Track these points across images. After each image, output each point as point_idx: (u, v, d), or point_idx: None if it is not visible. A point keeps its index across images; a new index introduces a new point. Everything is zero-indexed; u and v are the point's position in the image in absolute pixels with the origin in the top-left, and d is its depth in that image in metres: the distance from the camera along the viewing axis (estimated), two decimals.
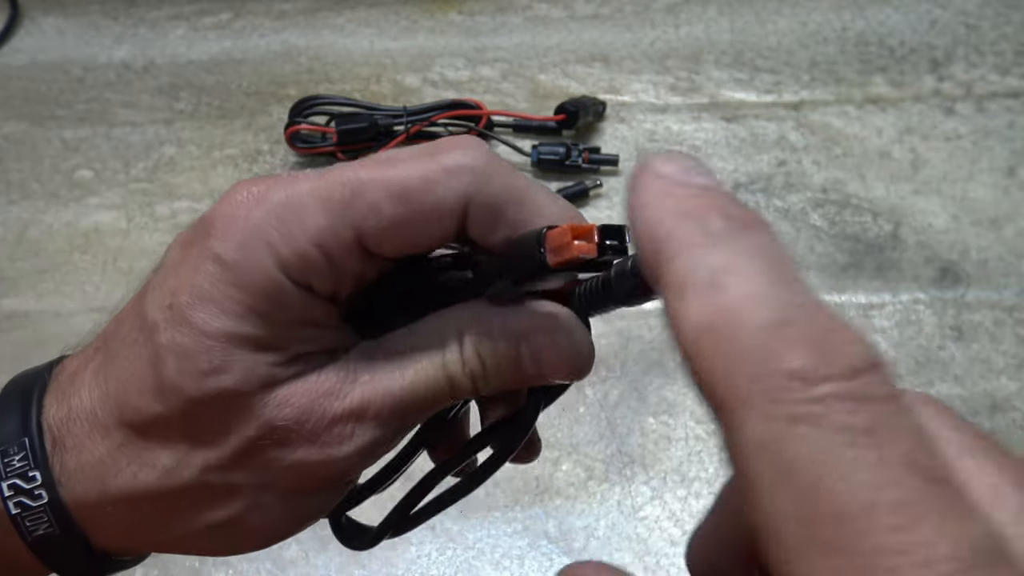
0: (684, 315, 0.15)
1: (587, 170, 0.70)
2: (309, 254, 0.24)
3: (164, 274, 0.25)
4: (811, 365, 0.14)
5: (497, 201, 0.24)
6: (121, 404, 0.25)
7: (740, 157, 0.71)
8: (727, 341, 0.14)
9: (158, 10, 0.87)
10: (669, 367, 0.59)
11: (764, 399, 0.14)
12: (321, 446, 0.25)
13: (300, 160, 0.72)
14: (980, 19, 0.81)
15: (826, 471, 0.13)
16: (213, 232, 0.24)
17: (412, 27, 0.84)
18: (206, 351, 0.24)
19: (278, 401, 0.25)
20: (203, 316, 0.24)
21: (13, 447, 0.25)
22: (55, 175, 0.73)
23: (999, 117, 0.73)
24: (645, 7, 0.84)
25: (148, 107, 0.78)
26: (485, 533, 0.52)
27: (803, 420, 0.13)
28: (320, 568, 0.51)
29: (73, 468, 0.26)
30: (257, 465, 0.25)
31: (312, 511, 0.28)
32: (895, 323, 0.61)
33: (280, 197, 0.24)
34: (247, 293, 0.24)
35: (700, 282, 0.15)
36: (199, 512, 0.26)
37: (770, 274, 0.15)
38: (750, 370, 0.14)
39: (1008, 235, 0.65)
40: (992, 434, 0.16)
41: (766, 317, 0.14)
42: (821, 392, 0.14)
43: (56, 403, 0.26)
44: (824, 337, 0.14)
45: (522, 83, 0.78)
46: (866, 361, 0.14)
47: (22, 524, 0.25)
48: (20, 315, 0.64)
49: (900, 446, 0.13)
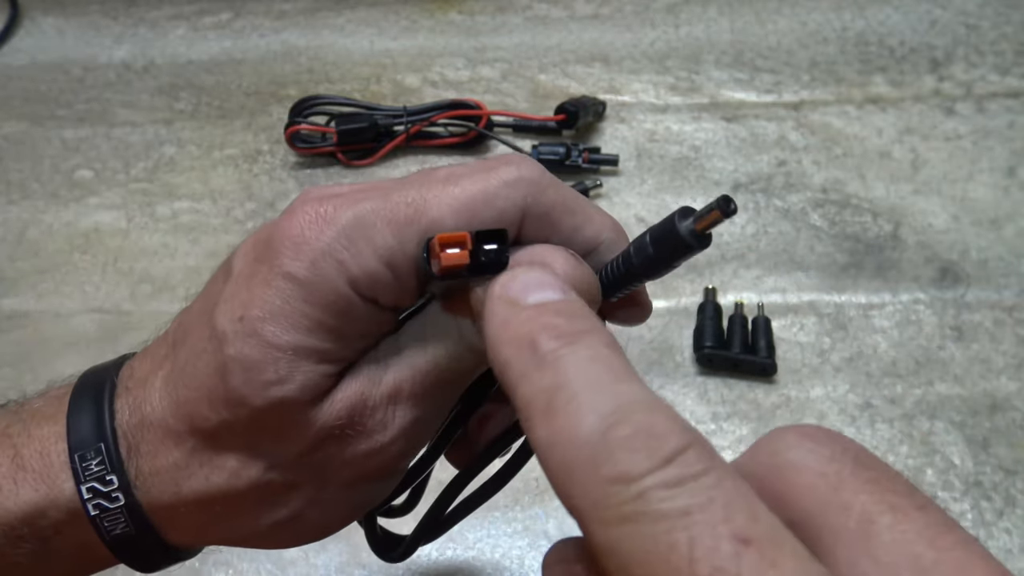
0: (532, 438, 0.17)
1: (587, 170, 0.70)
2: (377, 272, 0.25)
3: (234, 287, 0.26)
4: (629, 466, 0.15)
5: (551, 211, 0.26)
6: (192, 413, 0.26)
7: (740, 157, 0.71)
8: (564, 458, 0.16)
9: (158, 10, 0.87)
10: (669, 367, 0.59)
11: (598, 508, 0.15)
12: (368, 435, 0.27)
13: (300, 160, 0.73)
14: (980, 19, 0.81)
15: (654, 561, 0.14)
16: (284, 251, 0.25)
17: (412, 27, 0.84)
18: (273, 362, 0.25)
19: (333, 406, 0.26)
20: (273, 330, 0.25)
21: (90, 452, 0.27)
22: (55, 175, 0.73)
23: (999, 117, 0.73)
24: (645, 7, 0.84)
25: (148, 107, 0.78)
26: (485, 533, 0.52)
27: (630, 520, 0.15)
28: (320, 568, 0.51)
29: (148, 472, 0.27)
30: (315, 464, 0.27)
31: (368, 500, 0.30)
32: (895, 323, 0.61)
33: (348, 217, 0.25)
34: (318, 309, 0.25)
35: (537, 408, 0.17)
36: (264, 509, 0.28)
37: (594, 385, 0.17)
38: (583, 483, 0.16)
39: (1008, 235, 0.65)
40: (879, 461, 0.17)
41: (588, 431, 0.16)
42: (641, 488, 0.15)
43: (128, 409, 0.28)
44: (640, 435, 0.16)
45: (522, 83, 0.78)
46: (680, 445, 0.15)
47: (101, 525, 0.27)
48: (20, 315, 0.64)
49: (710, 518, 0.14)
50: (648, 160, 0.71)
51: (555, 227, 0.26)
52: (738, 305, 0.60)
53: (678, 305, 0.62)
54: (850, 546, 0.15)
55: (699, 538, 0.14)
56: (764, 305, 0.61)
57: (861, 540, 0.16)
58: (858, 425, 0.56)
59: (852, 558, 0.15)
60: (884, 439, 0.55)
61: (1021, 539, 0.51)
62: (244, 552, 0.52)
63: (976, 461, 0.54)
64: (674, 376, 0.58)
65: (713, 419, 0.56)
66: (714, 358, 0.58)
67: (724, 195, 0.23)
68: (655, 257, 0.25)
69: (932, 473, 0.54)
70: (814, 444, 0.17)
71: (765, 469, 0.18)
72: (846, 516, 0.16)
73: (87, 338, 0.62)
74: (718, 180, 0.70)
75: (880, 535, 0.15)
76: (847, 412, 0.56)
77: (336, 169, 0.72)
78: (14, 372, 0.61)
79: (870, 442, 0.55)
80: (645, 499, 0.15)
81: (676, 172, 0.71)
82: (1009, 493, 0.53)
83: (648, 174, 0.71)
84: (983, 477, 0.53)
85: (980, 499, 0.53)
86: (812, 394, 0.57)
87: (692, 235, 0.24)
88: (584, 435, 0.16)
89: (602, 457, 0.15)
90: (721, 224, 0.23)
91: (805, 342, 0.60)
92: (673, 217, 0.24)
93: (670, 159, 0.72)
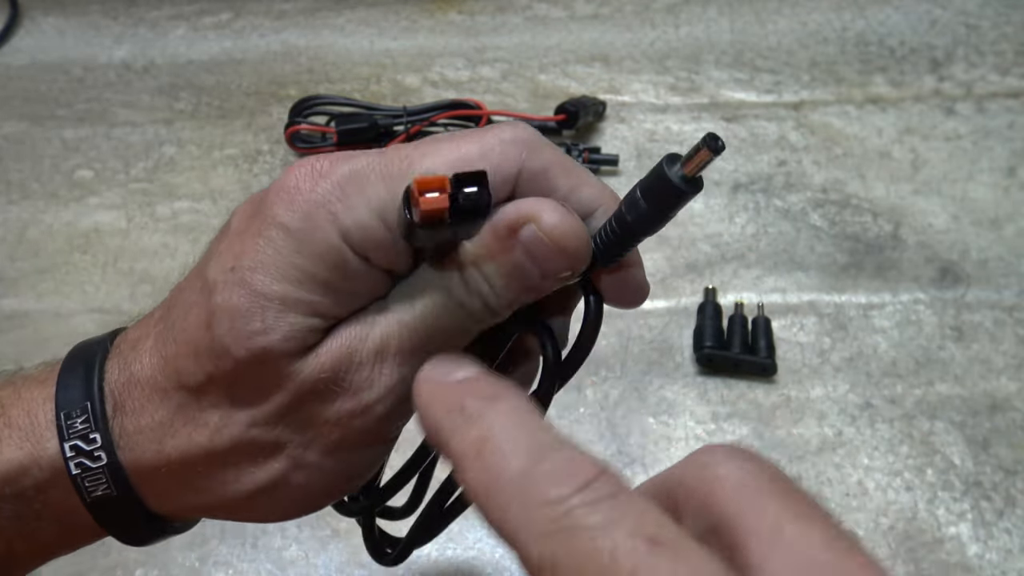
0: (465, 483, 0.20)
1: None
2: (371, 225, 0.25)
3: (228, 241, 0.26)
4: (556, 491, 0.18)
5: (547, 168, 0.26)
6: (179, 368, 0.26)
7: (740, 157, 0.71)
8: (497, 495, 0.19)
9: (158, 10, 0.87)
10: (669, 367, 0.59)
11: (532, 527, 0.18)
12: (354, 393, 0.26)
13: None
14: (980, 19, 0.81)
15: (582, 563, 0.17)
16: (277, 202, 0.25)
17: (412, 27, 0.84)
18: (260, 311, 0.25)
19: (318, 359, 0.26)
20: (262, 279, 0.25)
21: (76, 410, 0.27)
22: (55, 175, 0.73)
23: (999, 117, 0.73)
24: (645, 7, 0.84)
25: (148, 107, 0.78)
26: (485, 533, 0.52)
27: (560, 532, 0.18)
28: (320, 568, 0.51)
29: (132, 431, 0.27)
30: (299, 420, 0.27)
31: (355, 468, 0.29)
32: (895, 323, 0.61)
33: (343, 171, 0.25)
34: (309, 260, 0.25)
35: (468, 457, 0.20)
36: (247, 470, 0.27)
37: (515, 432, 0.20)
38: (516, 510, 0.19)
39: (1008, 235, 0.65)
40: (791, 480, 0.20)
41: (518, 468, 0.19)
42: (567, 507, 0.18)
43: (118, 369, 0.28)
44: (560, 468, 0.19)
45: (522, 83, 0.78)
46: (593, 473, 0.19)
47: (81, 484, 0.27)
48: (20, 315, 0.64)
49: (625, 527, 0.18)
50: (648, 160, 0.71)
51: (551, 186, 0.26)
52: (738, 305, 0.60)
53: (678, 305, 0.62)
54: (762, 545, 0.18)
55: (618, 542, 0.17)
56: (764, 305, 0.61)
57: (772, 540, 0.18)
58: (858, 425, 0.56)
59: (763, 555, 0.18)
60: (884, 439, 0.55)
61: (1021, 539, 0.51)
62: (244, 552, 0.52)
63: (976, 461, 0.54)
64: (674, 376, 0.58)
65: (713, 419, 0.56)
66: (714, 358, 0.58)
67: (710, 132, 0.22)
68: (649, 210, 0.24)
69: (932, 473, 0.54)
70: (740, 460, 0.20)
71: (694, 478, 0.21)
72: (760, 520, 0.19)
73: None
74: (718, 180, 0.70)
75: (788, 537, 0.18)
76: (847, 412, 0.56)
77: None
78: None
79: (870, 442, 0.55)
80: (571, 516, 0.18)
81: None
82: (1009, 493, 0.53)
83: None
84: (983, 477, 0.53)
85: (980, 499, 0.53)
86: (812, 394, 0.57)
87: (683, 180, 0.23)
88: (513, 472, 0.19)
89: (531, 487, 0.19)
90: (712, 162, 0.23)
91: (805, 342, 0.60)
92: (661, 165, 0.24)
93: None
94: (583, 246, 0.25)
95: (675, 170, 0.23)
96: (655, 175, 0.24)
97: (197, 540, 0.52)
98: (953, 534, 0.51)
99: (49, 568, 0.52)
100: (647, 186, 0.24)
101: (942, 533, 0.51)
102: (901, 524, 0.52)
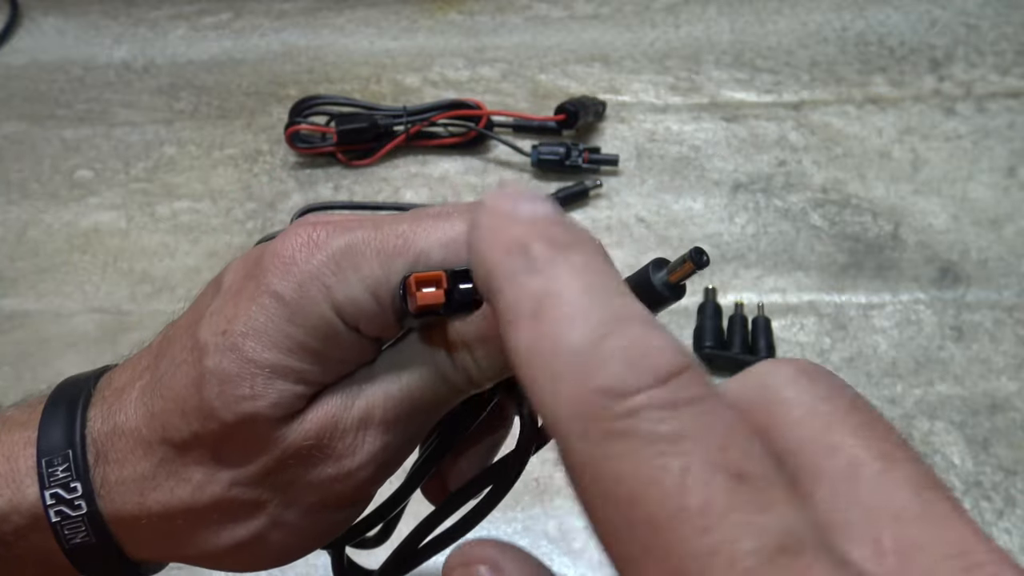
0: (512, 344, 0.16)
1: (587, 170, 0.70)
2: (362, 300, 0.25)
3: (220, 301, 0.26)
4: (621, 380, 0.14)
5: None
6: (165, 423, 0.26)
7: (740, 157, 0.71)
8: (548, 365, 0.15)
9: (158, 10, 0.87)
10: None
11: (581, 420, 0.14)
12: (336, 459, 0.27)
13: (300, 160, 0.72)
14: (980, 19, 0.81)
15: (638, 483, 0.14)
16: (272, 270, 0.25)
17: (412, 27, 0.84)
18: (249, 378, 0.25)
19: (303, 425, 0.26)
20: (253, 346, 0.25)
21: (57, 458, 0.27)
22: (55, 175, 0.73)
23: (999, 117, 0.73)
24: (645, 7, 0.84)
25: (148, 107, 0.78)
26: (485, 533, 0.52)
27: (617, 436, 0.14)
28: (320, 568, 0.51)
29: (114, 481, 0.27)
30: (281, 483, 0.27)
31: (331, 527, 0.30)
32: (895, 323, 0.61)
33: (339, 244, 0.25)
34: (301, 330, 0.25)
35: (523, 311, 0.16)
36: (226, 527, 0.28)
37: (588, 293, 0.15)
38: (568, 392, 0.15)
39: (1008, 235, 0.65)
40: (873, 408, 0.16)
41: (580, 338, 0.15)
42: (632, 405, 0.14)
43: (101, 417, 0.28)
44: (634, 349, 0.15)
45: (522, 83, 0.78)
46: (676, 366, 0.14)
47: (61, 532, 0.27)
48: (20, 315, 0.64)
49: (706, 447, 0.14)
50: (648, 160, 0.71)
51: None
52: (738, 305, 0.60)
53: (678, 305, 0.62)
54: (833, 488, 0.15)
55: (693, 466, 0.13)
56: (764, 305, 0.61)
57: (846, 483, 0.15)
58: None
59: (833, 500, 0.15)
60: None
61: (1021, 539, 0.51)
62: None
63: (976, 461, 0.54)
64: None
65: None
66: (714, 358, 0.58)
67: (696, 247, 0.23)
68: None
69: None
70: (809, 381, 0.16)
71: (753, 399, 0.17)
72: (833, 458, 0.15)
73: (87, 338, 0.62)
74: (718, 180, 0.70)
75: (867, 480, 0.15)
76: None
77: (336, 169, 0.72)
78: (14, 372, 0.60)
79: None
80: (636, 417, 0.14)
81: (676, 172, 0.71)
82: (1009, 493, 0.53)
83: (648, 174, 0.71)
84: (983, 477, 0.53)
85: (980, 499, 0.53)
86: None
87: (666, 286, 0.25)
88: (575, 342, 0.15)
89: (593, 367, 0.14)
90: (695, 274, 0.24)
91: (805, 342, 0.60)
92: (647, 269, 0.25)
93: (670, 159, 0.72)
94: None
95: (660, 275, 0.25)
96: (640, 277, 0.25)
97: None
98: None
99: None
100: (632, 286, 0.25)
101: None
102: None
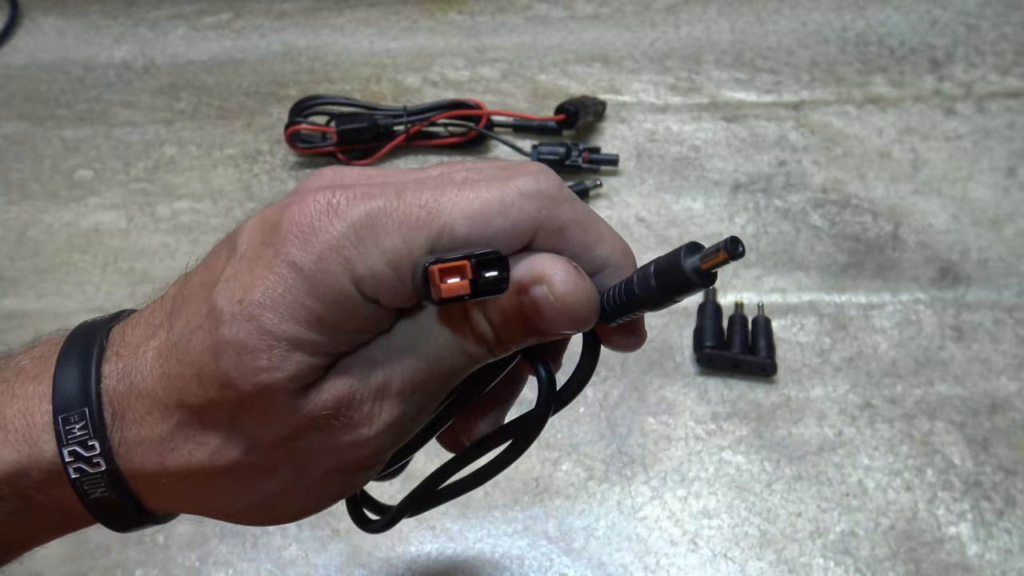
0: None
1: (587, 170, 0.70)
2: (383, 273, 0.25)
3: (238, 268, 0.26)
4: None
5: (565, 227, 0.26)
6: (182, 388, 0.26)
7: (740, 157, 0.71)
8: None
9: (158, 10, 0.87)
10: (669, 367, 0.59)
11: None
12: (353, 427, 0.27)
13: (300, 160, 0.72)
14: (980, 19, 0.81)
15: None
16: (291, 239, 0.25)
17: (412, 27, 0.84)
18: (267, 350, 0.25)
19: (320, 395, 0.26)
20: (271, 318, 0.25)
21: (74, 415, 0.27)
22: (55, 175, 0.73)
23: (999, 117, 0.73)
24: (645, 7, 0.84)
25: (148, 107, 0.78)
26: (485, 533, 0.52)
27: None
28: (320, 568, 0.51)
29: (132, 441, 0.27)
30: (296, 450, 0.27)
31: (347, 488, 0.30)
32: (895, 323, 0.61)
33: (360, 213, 0.25)
34: (319, 303, 0.25)
35: None
36: (242, 489, 0.28)
37: None
38: None
39: (1008, 235, 0.65)
40: None
41: None
42: None
43: (116, 375, 0.28)
44: None
45: (522, 83, 0.78)
46: None
47: (81, 488, 0.27)
48: (20, 315, 0.64)
49: None
50: (648, 160, 0.71)
51: (567, 243, 0.27)
52: (738, 305, 0.60)
53: (678, 305, 0.62)
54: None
55: None
56: (764, 305, 0.61)
57: None
58: (858, 425, 0.56)
59: None
60: (884, 439, 0.55)
61: (1021, 539, 0.51)
62: (244, 552, 0.52)
63: (976, 461, 0.54)
64: (674, 376, 0.58)
65: (713, 419, 0.56)
66: (714, 358, 0.58)
67: (733, 236, 0.23)
68: (657, 290, 0.25)
69: (932, 473, 0.54)
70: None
71: None
72: None
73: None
74: (718, 180, 0.70)
75: None
76: (847, 412, 0.56)
77: None
78: None
79: (870, 442, 0.55)
80: None
81: (676, 172, 0.71)
82: (1009, 493, 0.53)
83: (648, 174, 0.71)
84: (983, 477, 0.53)
85: (980, 499, 0.53)
86: (812, 394, 0.57)
87: (696, 272, 0.24)
88: None
89: None
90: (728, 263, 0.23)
91: (805, 342, 0.60)
92: (679, 252, 0.24)
93: (670, 159, 0.72)
94: (591, 312, 0.26)
95: (692, 261, 0.24)
96: (671, 260, 0.25)
97: (197, 540, 0.52)
98: (953, 534, 0.51)
99: (49, 568, 0.52)
100: (661, 268, 0.25)
101: (942, 533, 0.51)
102: (901, 524, 0.52)
